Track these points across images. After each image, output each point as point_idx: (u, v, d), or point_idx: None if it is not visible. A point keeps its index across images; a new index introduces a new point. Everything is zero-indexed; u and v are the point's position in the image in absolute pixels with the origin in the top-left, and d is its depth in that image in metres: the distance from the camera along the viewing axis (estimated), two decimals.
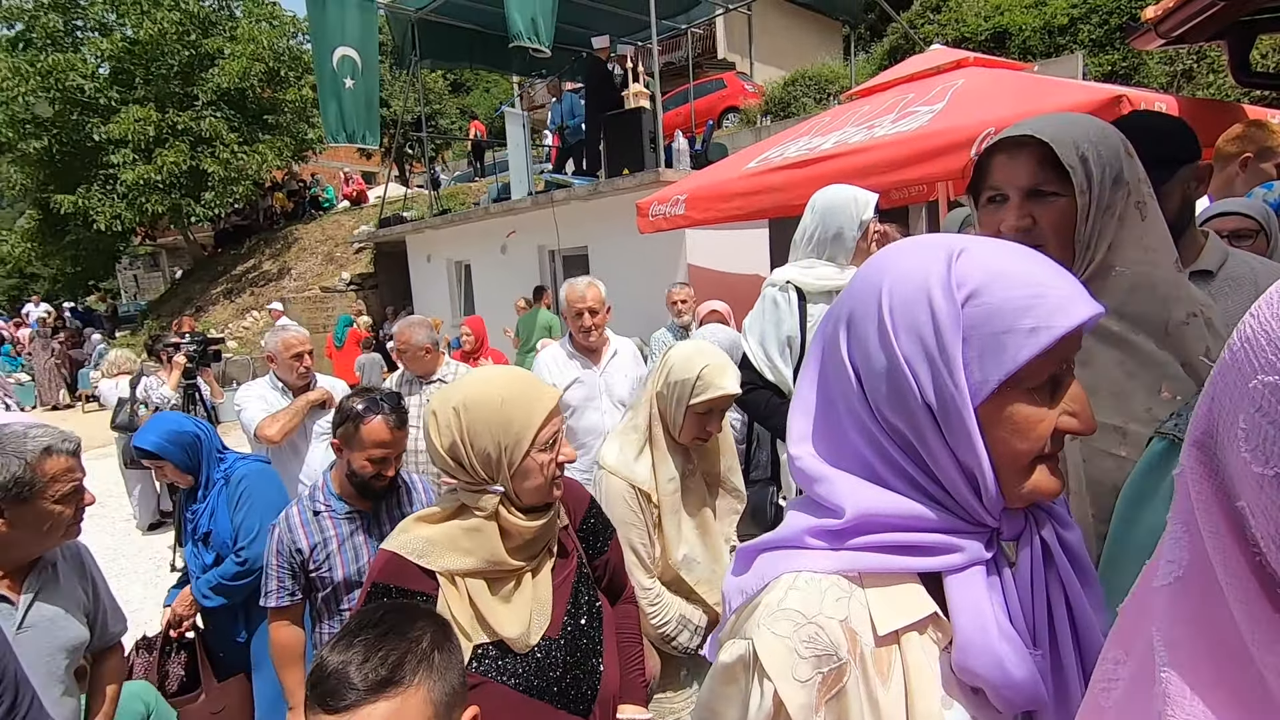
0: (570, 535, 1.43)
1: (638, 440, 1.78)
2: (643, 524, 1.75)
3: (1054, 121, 1.04)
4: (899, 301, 0.63)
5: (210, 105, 15.52)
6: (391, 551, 1.26)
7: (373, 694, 0.82)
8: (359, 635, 0.87)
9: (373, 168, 24.27)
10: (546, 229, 8.26)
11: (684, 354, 1.73)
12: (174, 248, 22.16)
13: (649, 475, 1.75)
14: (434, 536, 1.25)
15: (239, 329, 13.55)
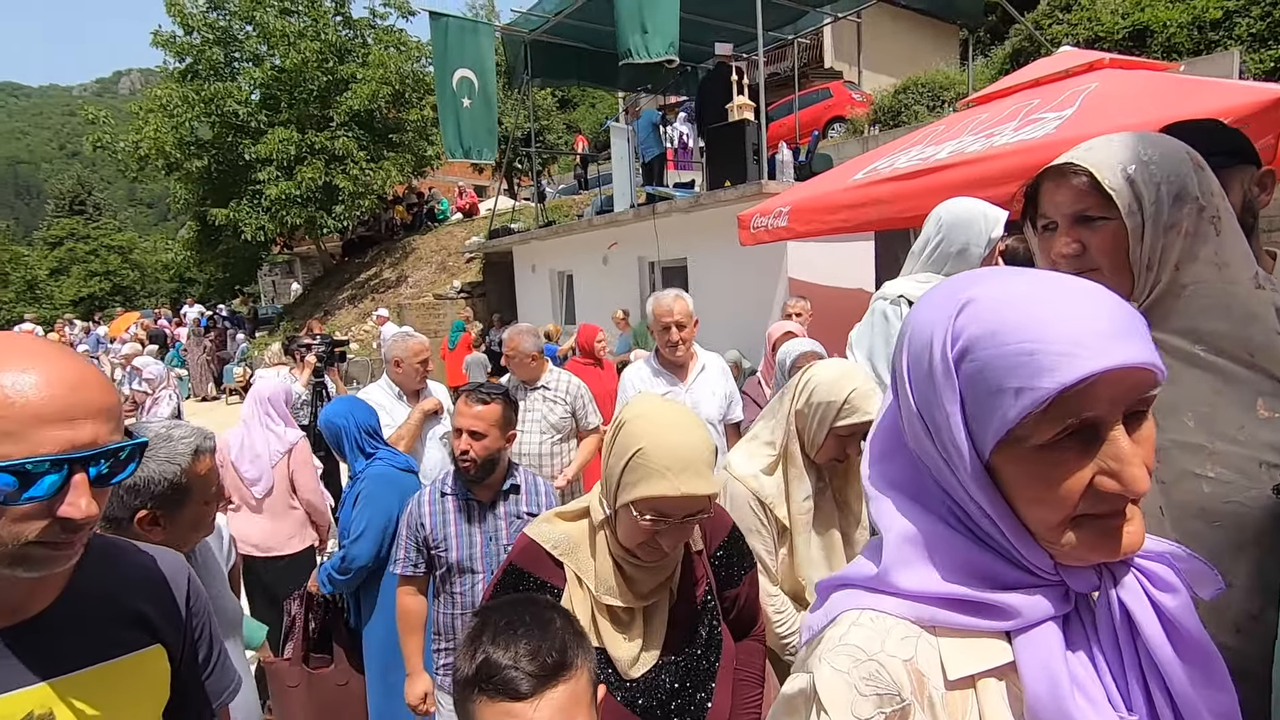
0: (703, 562, 1.38)
1: (770, 455, 1.77)
2: (767, 532, 1.75)
3: (1103, 144, 1.03)
4: (912, 355, 0.64)
5: (343, 126, 16.88)
6: (530, 539, 1.32)
7: (551, 679, 0.89)
8: (518, 629, 0.92)
9: (484, 181, 25.50)
10: (647, 241, 8.39)
11: (831, 375, 1.69)
12: (307, 256, 24.17)
13: (775, 491, 1.74)
14: (570, 531, 1.31)
15: (360, 332, 14.58)
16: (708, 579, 1.38)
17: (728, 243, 6.93)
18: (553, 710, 0.88)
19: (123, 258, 35.80)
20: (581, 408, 3.59)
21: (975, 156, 3.54)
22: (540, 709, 0.88)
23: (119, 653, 0.94)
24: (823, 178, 5.38)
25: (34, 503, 0.75)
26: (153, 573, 1.04)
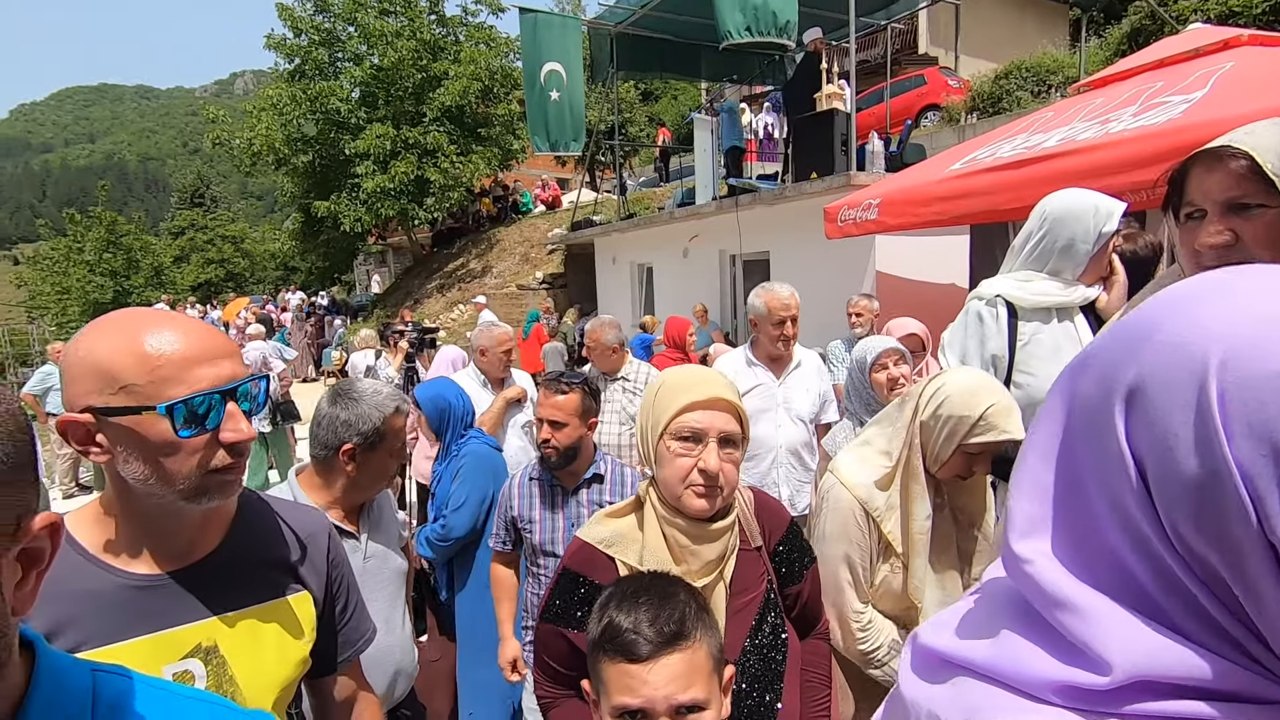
0: (763, 558, 1.36)
1: (884, 466, 1.65)
2: (867, 546, 1.65)
3: (1267, 127, 0.94)
4: (1242, 388, 0.41)
5: (435, 121, 17.54)
6: (581, 539, 1.33)
7: (669, 645, 0.93)
8: (640, 598, 0.98)
9: (566, 174, 25.93)
10: (728, 233, 8.30)
11: (965, 387, 1.55)
12: (398, 247, 25.28)
13: (886, 505, 1.63)
14: (620, 527, 1.31)
15: (447, 320, 15.15)
16: (769, 575, 1.36)
17: (812, 236, 6.77)
18: (668, 676, 0.91)
19: (235, 247, 38.55)
20: None
21: (1088, 144, 3.30)
22: (655, 672, 0.91)
23: (272, 596, 1.05)
24: (916, 169, 5.16)
25: (204, 434, 0.87)
26: (299, 526, 1.14)
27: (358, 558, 1.74)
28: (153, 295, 28.23)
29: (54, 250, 31.35)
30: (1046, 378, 1.93)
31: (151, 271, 31.94)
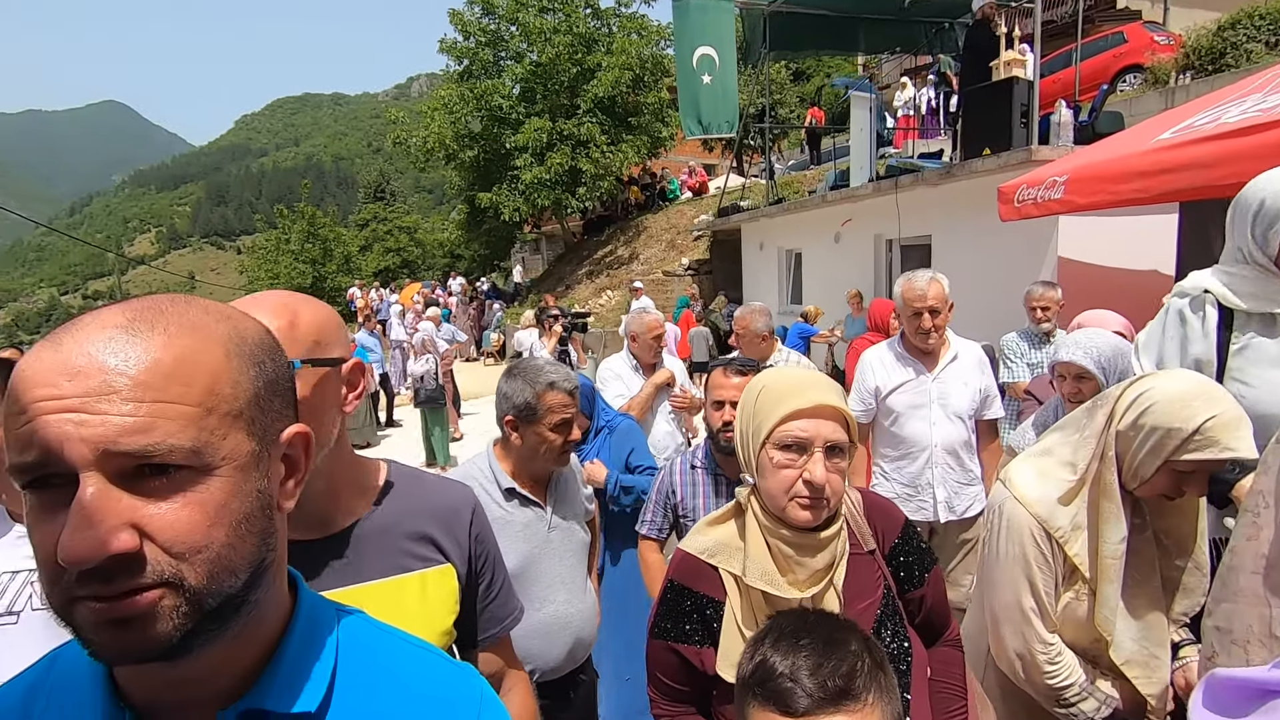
0: (877, 562, 1.28)
1: (1068, 480, 1.46)
2: (1050, 570, 1.46)
3: None
4: None
5: (588, 113, 18.13)
6: (684, 550, 1.27)
7: (831, 705, 0.80)
8: (801, 639, 0.85)
9: (713, 160, 25.77)
10: (886, 217, 7.86)
11: (1176, 393, 1.31)
12: (551, 235, 26.50)
13: (1070, 525, 1.44)
14: (721, 536, 1.24)
15: (596, 305, 15.69)
16: (885, 580, 1.27)
17: (981, 218, 6.24)
18: None
19: (409, 236, 42.37)
20: None
21: None
22: None
23: (415, 567, 1.07)
24: (1113, 140, 4.58)
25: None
26: (443, 500, 1.16)
27: (542, 527, 1.84)
28: (344, 281, 31.82)
29: (267, 241, 36.33)
30: (1268, 387, 1.64)
31: (342, 259, 36.00)
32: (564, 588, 1.87)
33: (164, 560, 0.46)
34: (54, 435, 0.44)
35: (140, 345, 0.48)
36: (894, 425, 2.83)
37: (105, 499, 0.45)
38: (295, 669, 0.58)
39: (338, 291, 31.73)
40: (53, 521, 0.45)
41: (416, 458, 7.35)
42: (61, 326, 0.50)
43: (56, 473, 0.45)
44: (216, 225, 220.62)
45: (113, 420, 0.45)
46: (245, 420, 0.52)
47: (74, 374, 0.46)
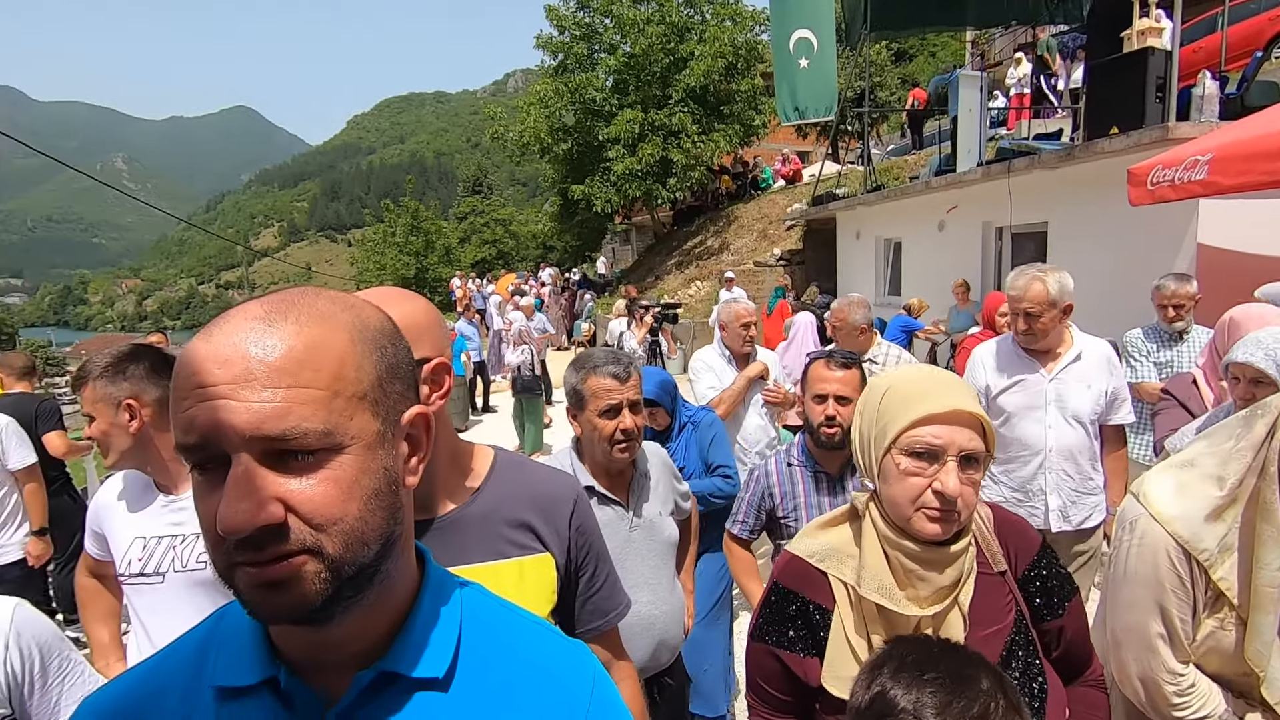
0: (1008, 584, 1.18)
1: (1216, 496, 1.31)
2: (1187, 595, 1.32)
3: None
4: None
5: (680, 102, 18.07)
6: (791, 553, 1.21)
7: None
8: (925, 673, 0.79)
9: (807, 146, 25.08)
10: (996, 203, 7.39)
11: None
12: (641, 226, 26.64)
13: (1217, 546, 1.30)
14: (832, 540, 1.18)
15: (685, 296, 15.66)
16: (1017, 606, 1.16)
17: (1106, 203, 5.75)
18: None
19: (504, 228, 43.82)
20: None
21: None
22: None
23: (513, 554, 1.09)
24: (1268, 114, 4.09)
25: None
26: (545, 489, 1.17)
27: (624, 526, 1.83)
28: (445, 271, 33.31)
29: (375, 235, 38.50)
30: None
31: (443, 251, 37.69)
32: (647, 588, 1.84)
33: (305, 531, 0.52)
34: (207, 421, 0.50)
35: (275, 334, 0.52)
36: (1004, 426, 2.66)
37: (253, 476, 0.50)
38: (424, 636, 0.62)
39: (439, 282, 33.28)
40: (213, 497, 0.51)
41: (509, 444, 7.60)
42: (214, 320, 0.55)
43: (215, 454, 0.51)
44: (330, 220, 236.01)
45: (254, 407, 0.50)
46: (369, 402, 0.56)
47: (222, 363, 0.51)
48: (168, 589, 1.60)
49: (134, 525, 1.62)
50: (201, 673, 0.62)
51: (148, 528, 1.62)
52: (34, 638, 1.18)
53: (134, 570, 1.60)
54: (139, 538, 1.61)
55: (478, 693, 0.63)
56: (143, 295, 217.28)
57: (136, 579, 1.60)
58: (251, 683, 0.59)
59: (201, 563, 1.64)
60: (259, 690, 0.59)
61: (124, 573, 1.60)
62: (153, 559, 1.60)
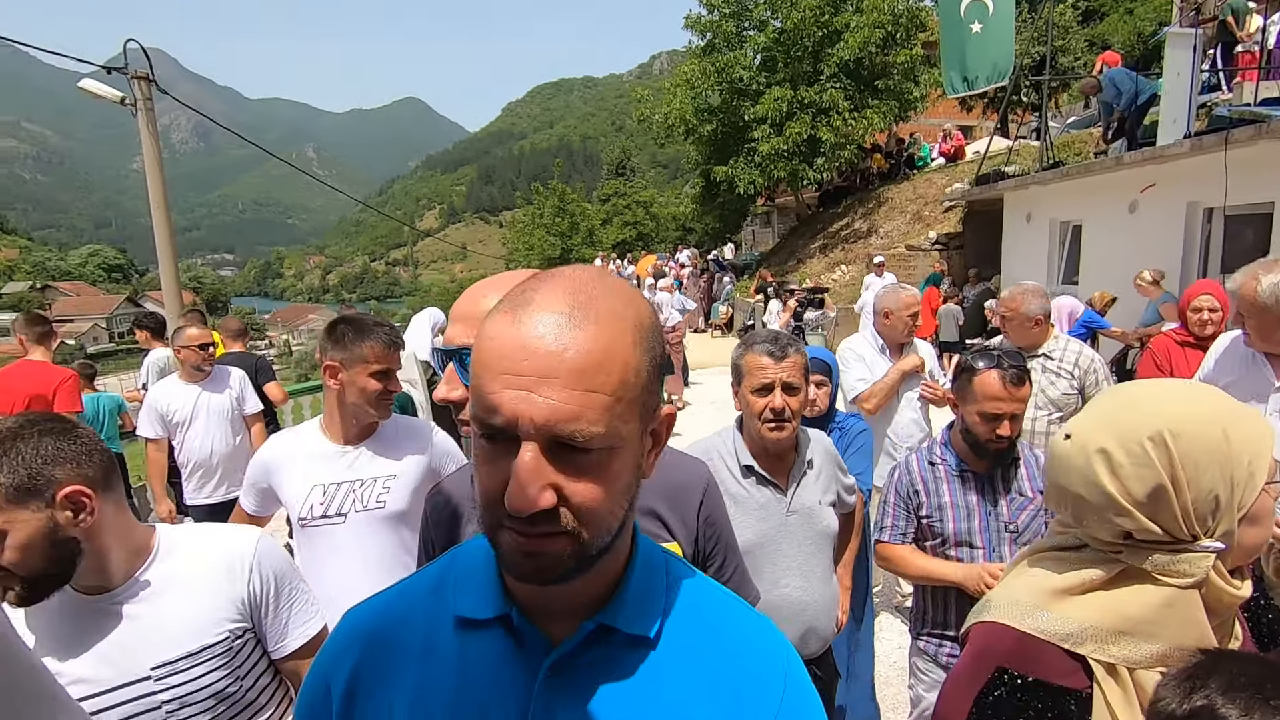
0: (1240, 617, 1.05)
1: None
2: None
3: None
4: None
5: (832, 78, 17.27)
6: (1019, 631, 0.97)
7: None
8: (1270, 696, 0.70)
9: (971, 121, 23.12)
10: (1205, 180, 6.44)
11: None
12: (783, 208, 25.91)
13: None
14: (1094, 617, 0.94)
15: (828, 280, 15.10)
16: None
17: None
18: None
19: (645, 210, 44.35)
20: (1094, 384, 3.05)
21: None
22: None
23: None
24: None
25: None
26: (673, 477, 1.17)
27: (780, 510, 1.83)
28: (588, 253, 34.45)
29: (524, 216, 40.50)
30: None
31: (586, 233, 38.94)
32: (799, 574, 1.83)
33: (570, 519, 0.57)
34: (511, 409, 0.55)
35: (579, 335, 0.56)
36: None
37: (538, 465, 0.55)
38: (637, 598, 0.68)
39: (582, 262, 34.43)
40: (495, 466, 0.58)
41: None
42: (515, 298, 0.59)
43: (509, 434, 0.57)
44: (484, 202, 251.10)
45: (552, 405, 0.55)
46: (639, 404, 0.60)
47: (529, 354, 0.55)
48: (349, 528, 1.82)
49: (311, 475, 1.83)
50: (441, 603, 0.71)
51: (326, 475, 1.84)
52: (272, 566, 1.36)
53: (315, 514, 1.81)
54: (318, 485, 1.82)
55: (681, 654, 0.68)
56: (326, 270, 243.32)
57: (319, 521, 1.81)
58: (488, 616, 0.67)
59: (381, 502, 1.86)
60: (493, 624, 0.67)
61: (304, 517, 1.81)
62: (334, 502, 1.82)
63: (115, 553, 1.22)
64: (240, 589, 1.30)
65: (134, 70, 7.95)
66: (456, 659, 0.67)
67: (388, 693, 0.68)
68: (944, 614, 1.97)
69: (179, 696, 1.22)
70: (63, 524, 1.13)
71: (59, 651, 1.19)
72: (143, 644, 1.21)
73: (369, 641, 0.70)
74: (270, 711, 1.36)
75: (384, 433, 1.94)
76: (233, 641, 1.28)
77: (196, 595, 1.26)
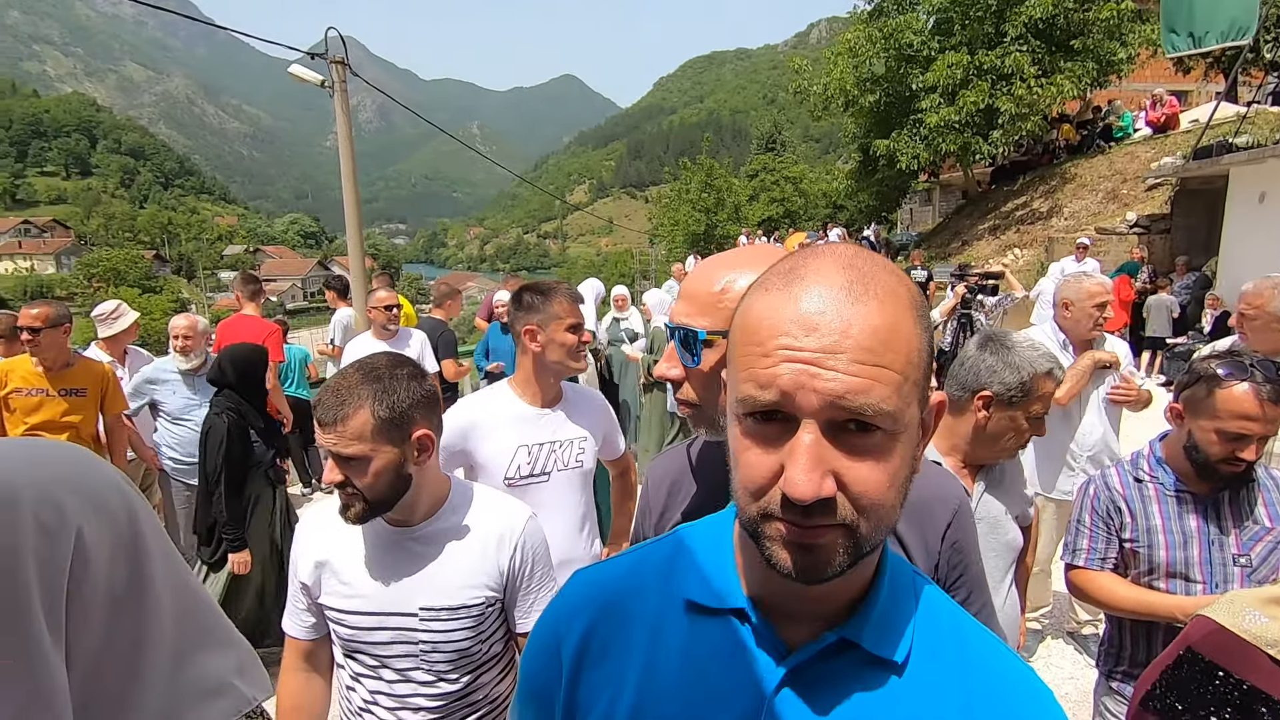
0: None
1: None
2: None
3: None
4: None
5: (1018, 40, 15.52)
6: (1225, 627, 1.00)
7: None
8: None
9: (1188, 85, 19.98)
10: None
11: None
12: (947, 184, 24.01)
13: None
14: None
15: (998, 265, 13.82)
16: None
17: None
18: None
19: (794, 187, 42.92)
20: None
21: None
22: None
23: None
24: None
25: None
26: (921, 494, 1.04)
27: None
28: (733, 229, 33.98)
29: (671, 191, 40.62)
30: None
31: (732, 208, 38.37)
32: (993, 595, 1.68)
33: (848, 509, 0.52)
34: (791, 384, 0.51)
35: (862, 310, 0.52)
36: None
37: (819, 447, 0.51)
38: (884, 616, 0.62)
39: (726, 239, 34.07)
40: (765, 450, 0.53)
41: None
42: (783, 273, 0.56)
43: (783, 413, 0.52)
44: (631, 178, 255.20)
45: (840, 378, 0.50)
46: (920, 388, 0.55)
47: (810, 329, 0.52)
48: (552, 486, 1.93)
49: (515, 436, 1.92)
50: (671, 582, 0.68)
51: (529, 436, 1.93)
52: (533, 546, 1.43)
53: (523, 474, 1.91)
54: (523, 445, 1.91)
55: (930, 688, 0.61)
56: (484, 241, 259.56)
57: (525, 480, 1.91)
58: (722, 607, 0.64)
59: (580, 462, 1.98)
60: (725, 615, 0.64)
61: (511, 476, 1.90)
62: (538, 462, 1.92)
63: (425, 493, 1.35)
64: (504, 560, 1.38)
65: (332, 55, 8.78)
66: (684, 642, 0.64)
67: (618, 663, 0.66)
68: (1145, 651, 1.73)
69: (433, 643, 1.32)
70: (409, 460, 1.28)
71: (356, 567, 1.34)
72: (419, 585, 1.33)
73: (602, 607, 0.70)
74: (497, 668, 1.45)
75: (570, 397, 2.05)
76: (485, 609, 1.37)
77: (468, 554, 1.36)
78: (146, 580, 0.65)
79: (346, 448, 1.22)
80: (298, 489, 6.11)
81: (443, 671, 1.34)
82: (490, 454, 1.91)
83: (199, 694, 0.68)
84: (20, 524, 0.55)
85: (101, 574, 0.61)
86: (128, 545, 0.63)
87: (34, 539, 0.55)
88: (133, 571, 0.64)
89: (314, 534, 1.39)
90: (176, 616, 0.67)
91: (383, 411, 1.22)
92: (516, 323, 1.93)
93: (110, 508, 0.62)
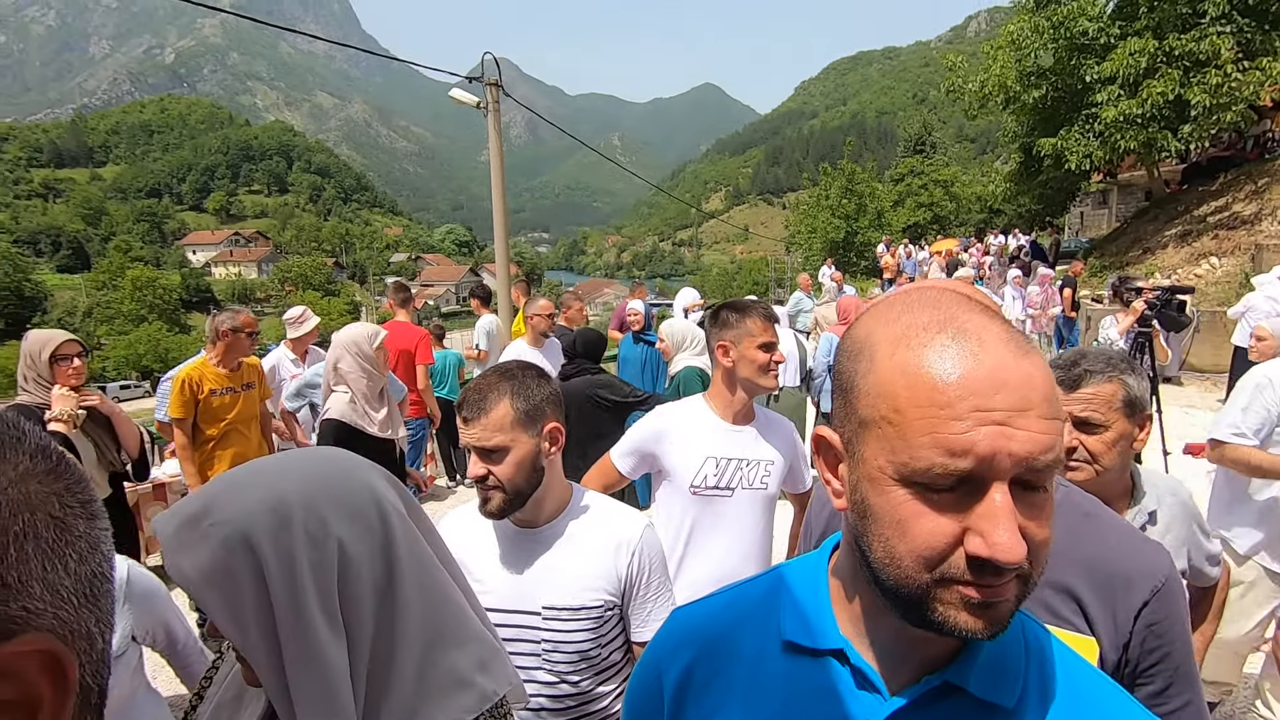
0: None
1: None
2: None
3: None
4: None
5: (1219, 19, 13.60)
6: None
7: None
8: None
9: None
10: None
11: None
12: (1127, 185, 21.51)
13: None
14: None
15: (1189, 276, 12.16)
16: None
17: None
18: None
19: (944, 190, 40.30)
20: None
21: None
22: None
23: (1042, 617, 0.99)
24: None
25: None
26: (1103, 554, 1.00)
27: None
28: (874, 236, 32.48)
29: (809, 198, 39.52)
30: None
31: (874, 214, 36.68)
32: None
33: (1025, 560, 0.51)
34: (989, 448, 0.49)
35: (1031, 363, 0.52)
36: None
37: (1011, 508, 0.50)
38: (992, 660, 0.59)
39: (866, 246, 32.66)
40: (943, 514, 0.51)
41: None
42: (940, 326, 0.53)
43: (972, 478, 0.50)
44: (769, 184, 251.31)
45: (1034, 437, 0.50)
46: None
47: (999, 387, 0.50)
48: (735, 501, 1.97)
49: (705, 446, 1.97)
50: (771, 620, 0.69)
51: (717, 449, 1.97)
52: (650, 555, 1.48)
53: (710, 484, 1.96)
54: (710, 457, 1.96)
55: None
56: (621, 249, 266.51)
57: (710, 491, 1.96)
58: (823, 648, 0.63)
59: (764, 484, 1.99)
60: (824, 656, 0.63)
61: (698, 485, 1.96)
62: (724, 475, 1.96)
63: (551, 494, 1.44)
64: (621, 566, 1.43)
65: (487, 78, 9.43)
66: (783, 682, 0.64)
67: (719, 699, 0.67)
68: None
69: (555, 642, 1.40)
70: (542, 453, 1.38)
71: (487, 563, 1.45)
72: (543, 584, 1.41)
73: (704, 643, 0.71)
74: (617, 679, 1.49)
75: (762, 420, 2.06)
76: (604, 612, 1.42)
77: (588, 558, 1.43)
78: (397, 578, 0.76)
79: (489, 440, 1.32)
80: (444, 481, 6.60)
81: (564, 673, 1.40)
82: (679, 461, 1.98)
83: (442, 689, 0.76)
84: (295, 538, 0.69)
85: (365, 571, 0.73)
86: (384, 546, 0.75)
87: (306, 549, 0.69)
88: (387, 569, 0.75)
89: (450, 533, 1.50)
90: (422, 611, 0.77)
91: (520, 404, 1.33)
92: (711, 338, 1.99)
93: (365, 513, 0.75)
